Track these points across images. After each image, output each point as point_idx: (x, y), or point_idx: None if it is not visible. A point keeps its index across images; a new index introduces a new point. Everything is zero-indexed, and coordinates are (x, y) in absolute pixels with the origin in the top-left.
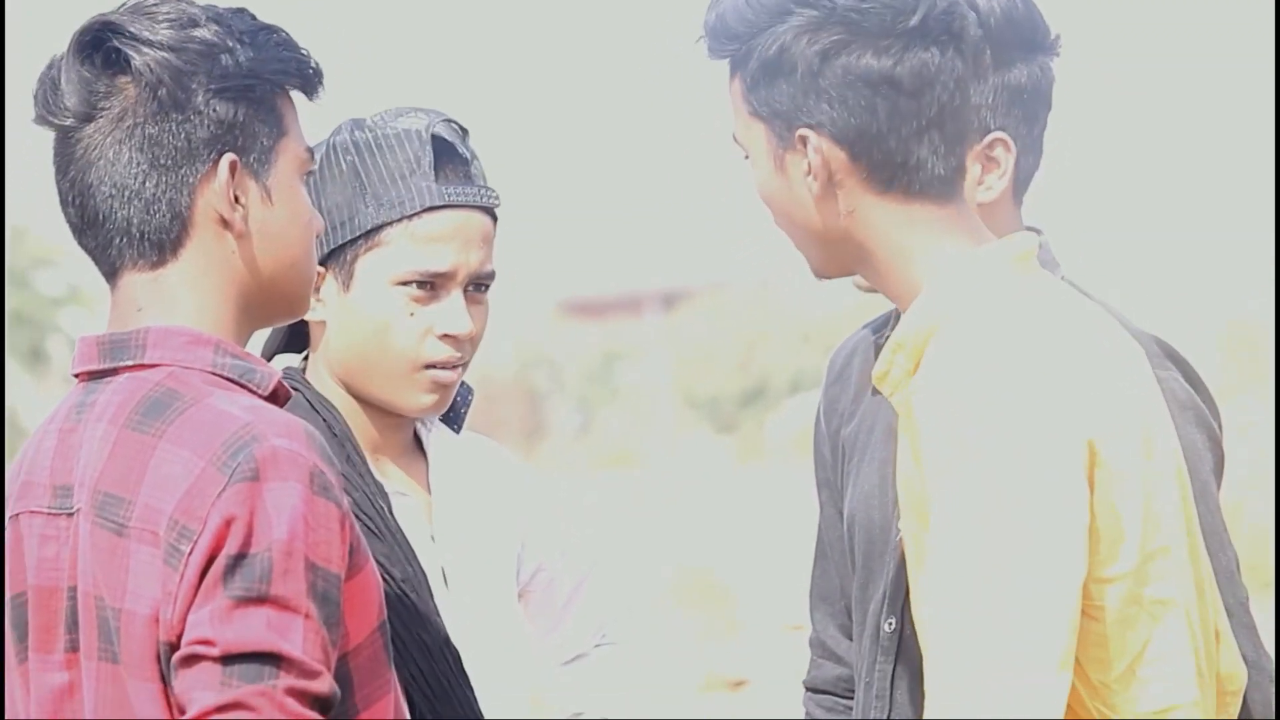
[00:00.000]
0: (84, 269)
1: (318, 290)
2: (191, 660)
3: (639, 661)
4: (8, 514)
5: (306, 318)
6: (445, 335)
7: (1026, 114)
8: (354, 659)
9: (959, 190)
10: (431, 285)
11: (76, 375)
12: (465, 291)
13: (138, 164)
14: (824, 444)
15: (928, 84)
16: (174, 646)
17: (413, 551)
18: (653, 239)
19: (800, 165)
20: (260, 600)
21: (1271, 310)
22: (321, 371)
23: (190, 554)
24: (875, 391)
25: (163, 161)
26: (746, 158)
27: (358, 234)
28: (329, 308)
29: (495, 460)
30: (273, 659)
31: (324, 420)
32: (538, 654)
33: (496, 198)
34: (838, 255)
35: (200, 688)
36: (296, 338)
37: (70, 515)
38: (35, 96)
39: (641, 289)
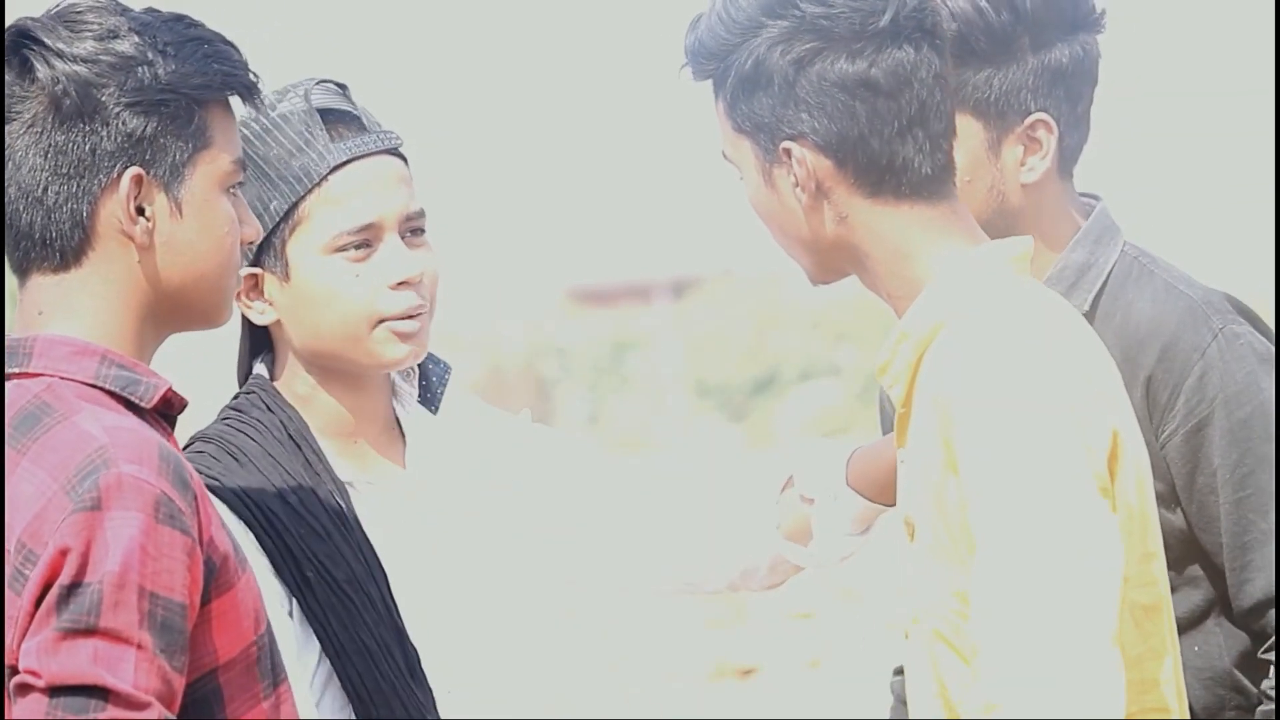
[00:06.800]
0: None
1: (261, 293)
2: (23, 690)
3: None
4: None
5: (258, 323)
6: (397, 284)
7: (1069, 92)
8: (224, 673)
9: (949, 188)
10: (365, 243)
11: None
12: (402, 238)
13: (41, 170)
14: (884, 414)
15: (905, 83)
16: (14, 670)
17: (363, 547)
18: (662, 227)
19: (788, 178)
20: (89, 632)
21: (1271, 293)
22: (293, 369)
23: (28, 580)
24: None
25: (64, 170)
26: (741, 178)
27: (277, 220)
28: (277, 305)
29: (487, 427)
30: (98, 692)
31: (280, 423)
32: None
33: (398, 138)
34: (833, 262)
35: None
36: (260, 345)
37: None
38: None
39: (651, 277)
